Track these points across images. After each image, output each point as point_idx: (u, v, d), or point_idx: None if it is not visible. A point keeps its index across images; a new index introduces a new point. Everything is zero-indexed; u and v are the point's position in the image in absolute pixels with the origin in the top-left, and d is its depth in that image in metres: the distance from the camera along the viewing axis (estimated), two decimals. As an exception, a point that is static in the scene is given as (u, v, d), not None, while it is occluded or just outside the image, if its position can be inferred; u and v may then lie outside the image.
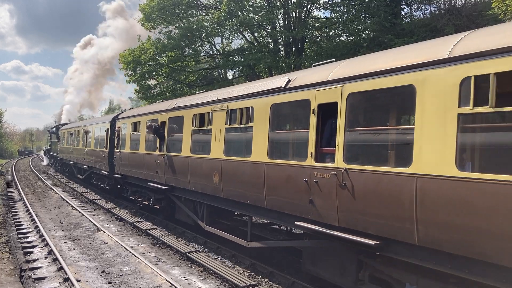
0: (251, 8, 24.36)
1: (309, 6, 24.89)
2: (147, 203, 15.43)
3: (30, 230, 13.60)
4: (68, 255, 10.82)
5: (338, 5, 24.03)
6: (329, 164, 6.86)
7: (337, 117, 6.73)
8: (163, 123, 13.42)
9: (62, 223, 15.17)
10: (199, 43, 28.19)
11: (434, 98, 5.30)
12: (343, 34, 25.07)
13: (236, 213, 12.24)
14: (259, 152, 8.60)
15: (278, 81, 8.57)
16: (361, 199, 6.24)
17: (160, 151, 13.50)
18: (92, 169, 23.28)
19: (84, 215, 16.44)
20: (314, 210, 7.16)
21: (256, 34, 27.95)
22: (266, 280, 8.99)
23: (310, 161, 7.26)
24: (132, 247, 11.69)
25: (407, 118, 6.39)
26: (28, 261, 10.13)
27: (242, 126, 9.38)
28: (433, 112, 5.30)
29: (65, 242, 12.23)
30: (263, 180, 8.43)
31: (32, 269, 9.52)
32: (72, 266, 9.71)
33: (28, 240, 12.28)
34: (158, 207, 14.66)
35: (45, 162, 52.92)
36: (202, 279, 9.10)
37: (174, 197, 13.22)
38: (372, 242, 6.02)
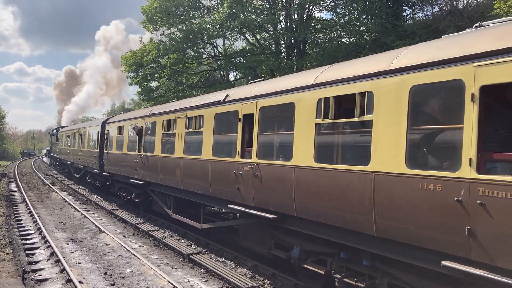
0: (253, 10, 24.39)
1: (311, 7, 24.92)
2: (129, 197, 17.50)
3: (33, 231, 13.62)
4: (71, 256, 10.84)
5: (340, 6, 24.04)
6: (249, 160, 9.02)
7: (253, 124, 8.98)
8: (141, 127, 15.64)
9: (64, 224, 15.20)
10: (201, 45, 28.24)
11: (304, 112, 7.54)
12: (345, 36, 25.08)
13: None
14: (207, 152, 10.77)
15: (220, 95, 10.90)
16: (265, 184, 8.51)
17: (139, 151, 15.64)
18: (86, 168, 25.51)
19: (86, 217, 16.46)
20: (240, 195, 9.35)
21: (258, 36, 27.99)
22: (268, 281, 8.99)
23: (237, 158, 9.43)
24: (134, 248, 11.70)
25: (291, 126, 8.06)
26: (30, 263, 10.16)
27: (196, 130, 11.58)
28: (303, 122, 7.56)
29: (67, 244, 12.25)
30: (209, 174, 10.62)
31: (34, 271, 9.54)
32: (74, 268, 9.72)
33: (30, 241, 12.30)
34: (137, 200, 16.67)
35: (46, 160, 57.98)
36: (204, 281, 9.10)
37: (150, 191, 15.39)
38: (271, 216, 8.29)
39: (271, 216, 8.27)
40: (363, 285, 6.63)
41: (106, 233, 13.51)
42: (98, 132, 21.93)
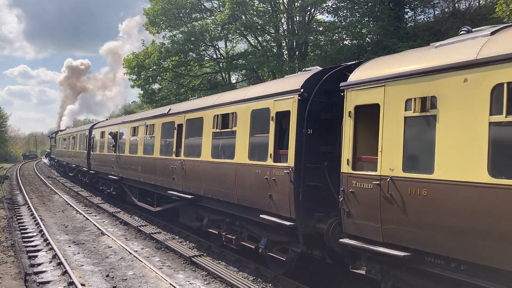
0: (255, 12, 24.43)
1: (312, 10, 24.94)
2: (109, 191, 20.99)
3: (35, 234, 13.63)
4: (73, 259, 10.84)
5: (342, 9, 24.04)
6: (179, 157, 12.59)
7: (182, 131, 12.60)
8: (116, 132, 19.07)
9: (66, 227, 15.20)
10: (203, 47, 28.28)
11: (207, 123, 11.21)
12: (346, 38, 25.07)
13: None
14: (156, 152, 14.48)
15: (165, 109, 14.79)
16: (187, 174, 12.01)
17: (114, 152, 19.02)
18: (78, 167, 29.08)
19: (88, 219, 16.46)
20: (175, 183, 12.86)
21: (259, 38, 28.02)
22: (270, 284, 8.96)
23: (173, 156, 12.97)
24: (136, 251, 11.69)
25: (201, 132, 11.44)
26: (32, 265, 10.15)
27: (150, 135, 15.39)
28: (207, 130, 11.14)
29: (69, 246, 12.25)
30: (157, 168, 14.23)
31: (36, 273, 9.52)
32: (76, 270, 9.72)
33: (32, 244, 12.30)
34: (115, 193, 20.10)
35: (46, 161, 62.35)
36: (206, 283, 9.08)
37: (123, 185, 18.72)
38: (190, 197, 11.78)
39: (190, 196, 11.83)
40: (234, 238, 10.33)
41: (108, 236, 13.51)
42: (87, 135, 25.41)
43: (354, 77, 7.10)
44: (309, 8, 24.36)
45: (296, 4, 24.50)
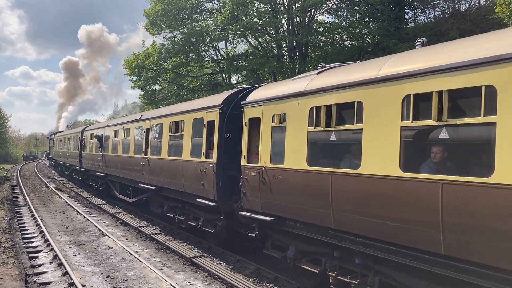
0: (255, 13, 24.42)
1: (313, 11, 24.93)
2: (97, 186, 23.99)
3: (35, 235, 13.63)
4: (73, 260, 10.84)
5: (342, 9, 24.04)
6: (146, 156, 15.49)
7: (149, 134, 15.65)
8: (102, 134, 22.40)
9: (67, 227, 15.21)
10: (203, 48, 28.28)
11: (166, 129, 13.96)
12: (347, 39, 25.07)
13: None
14: (131, 151, 17.33)
15: (137, 116, 18.36)
16: (152, 169, 14.81)
17: (101, 152, 22.21)
18: (72, 166, 32.05)
19: (88, 220, 16.47)
20: (144, 177, 15.59)
21: (260, 39, 28.01)
22: (271, 285, 8.97)
23: (143, 155, 15.82)
24: (137, 252, 11.69)
25: (162, 135, 14.40)
26: (33, 266, 10.15)
27: (126, 138, 18.40)
28: (165, 134, 13.97)
29: (70, 247, 12.25)
30: (131, 165, 17.08)
31: (37, 274, 9.53)
32: (77, 271, 9.72)
33: (33, 245, 12.30)
34: (101, 188, 22.96)
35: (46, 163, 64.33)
36: (207, 284, 9.08)
37: (108, 181, 21.53)
38: (153, 188, 14.57)
39: (154, 188, 14.62)
40: (183, 219, 13.10)
41: (109, 236, 13.51)
42: (79, 137, 28.69)
43: (248, 98, 9.77)
44: (309, 9, 24.35)
45: (296, 5, 24.50)
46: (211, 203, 10.73)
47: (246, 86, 11.81)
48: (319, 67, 8.56)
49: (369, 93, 6.33)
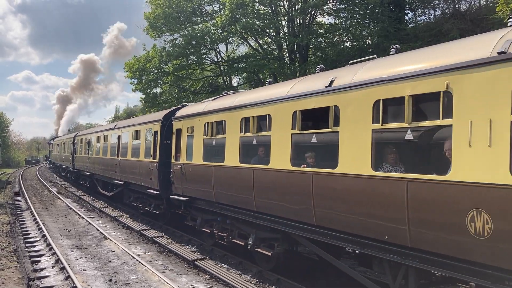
0: (255, 15, 24.41)
1: (313, 12, 24.93)
2: (85, 184, 27.78)
3: (38, 239, 13.64)
4: (76, 263, 10.84)
5: (342, 11, 24.04)
6: (117, 157, 19.06)
7: (120, 140, 19.70)
8: (89, 139, 26.44)
9: (69, 231, 15.21)
10: (204, 51, 28.30)
11: (130, 135, 18.25)
12: (347, 40, 25.06)
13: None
14: (109, 154, 20.98)
15: (113, 124, 22.76)
16: (122, 168, 18.59)
17: (88, 154, 26.39)
18: (67, 168, 36.07)
19: (91, 224, 16.47)
20: (117, 175, 19.16)
21: (260, 41, 28.01)
22: (273, 287, 8.94)
23: (115, 157, 19.44)
24: (139, 255, 11.69)
25: (127, 142, 18.47)
26: (35, 270, 10.16)
27: (105, 142, 22.16)
28: (130, 140, 18.42)
29: (72, 251, 12.26)
30: (108, 165, 20.79)
31: (39, 278, 9.53)
32: (79, 275, 9.72)
33: (35, 249, 12.31)
34: (89, 185, 26.84)
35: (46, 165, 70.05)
36: (209, 287, 9.07)
37: (94, 179, 25.15)
38: (122, 182, 18.56)
39: (122, 183, 18.50)
40: (141, 206, 17.12)
41: (111, 240, 13.51)
42: (72, 141, 32.91)
43: (176, 114, 13.85)
44: (309, 11, 24.36)
45: (296, 6, 24.52)
46: (156, 192, 14.69)
47: (181, 105, 15.70)
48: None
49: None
